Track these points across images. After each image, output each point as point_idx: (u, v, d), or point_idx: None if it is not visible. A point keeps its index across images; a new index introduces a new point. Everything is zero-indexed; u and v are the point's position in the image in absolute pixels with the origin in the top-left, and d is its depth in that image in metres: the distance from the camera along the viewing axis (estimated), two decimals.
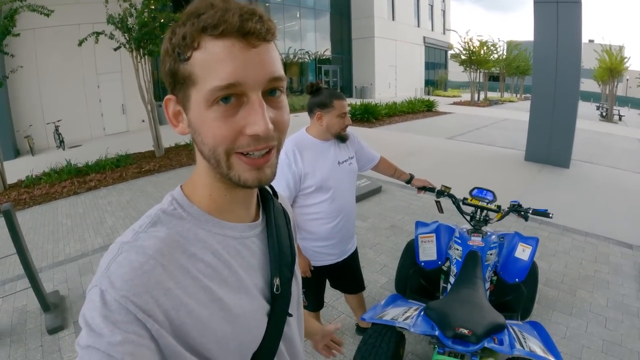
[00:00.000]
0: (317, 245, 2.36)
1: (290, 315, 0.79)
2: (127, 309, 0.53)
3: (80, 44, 8.82)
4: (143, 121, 13.18)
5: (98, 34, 8.72)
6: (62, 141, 12.22)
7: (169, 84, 0.64)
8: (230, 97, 0.59)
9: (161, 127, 10.13)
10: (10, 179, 7.98)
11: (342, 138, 2.33)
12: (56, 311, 3.41)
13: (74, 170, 8.30)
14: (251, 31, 0.58)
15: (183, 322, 0.58)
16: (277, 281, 0.75)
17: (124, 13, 8.83)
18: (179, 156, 9.67)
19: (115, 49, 9.27)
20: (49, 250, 4.86)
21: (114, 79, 14.16)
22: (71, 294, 3.80)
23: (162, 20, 9.14)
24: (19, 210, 6.37)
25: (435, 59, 40.63)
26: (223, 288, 0.65)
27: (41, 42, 12.45)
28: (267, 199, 0.83)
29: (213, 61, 0.57)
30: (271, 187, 0.87)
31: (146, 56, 9.44)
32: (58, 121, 12.42)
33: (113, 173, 8.30)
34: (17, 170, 8.85)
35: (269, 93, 0.62)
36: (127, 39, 9.03)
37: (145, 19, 8.76)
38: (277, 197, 0.88)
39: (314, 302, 2.61)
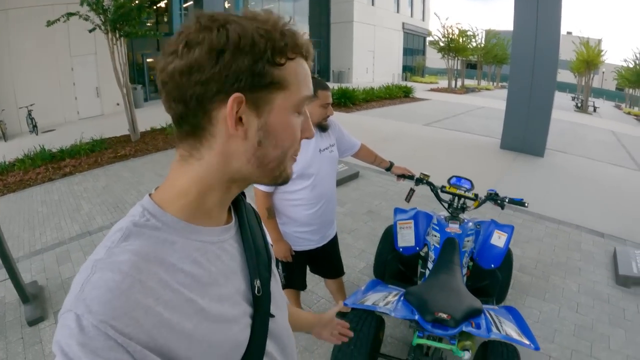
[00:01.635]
0: (297, 230, 2.39)
1: (272, 315, 0.78)
2: (107, 335, 0.50)
3: (49, 24, 8.51)
4: (118, 104, 12.91)
5: (70, 14, 8.44)
6: (35, 126, 11.85)
7: (241, 83, 0.61)
8: None
9: (137, 111, 9.91)
10: None
11: (322, 127, 2.35)
12: (35, 302, 3.35)
13: (48, 156, 8.09)
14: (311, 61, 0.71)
15: (167, 338, 0.56)
16: (257, 283, 0.75)
17: None
18: (155, 140, 9.51)
19: (91, 31, 9.00)
20: (25, 239, 4.76)
21: (88, 62, 13.80)
22: (50, 284, 3.73)
23: (137, 2, 8.92)
24: None
25: (414, 45, 40.87)
26: (205, 297, 0.63)
27: (14, 23, 12.02)
28: (237, 199, 0.82)
29: (303, 75, 0.67)
30: None
31: (122, 38, 9.20)
32: (31, 105, 12.02)
33: (88, 158, 8.13)
34: None
35: None
36: (103, 20, 8.77)
37: (122, 1, 8.52)
38: (245, 197, 0.87)
39: (298, 284, 2.69)
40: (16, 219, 5.41)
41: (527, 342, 1.88)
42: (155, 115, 11.84)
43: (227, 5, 20.02)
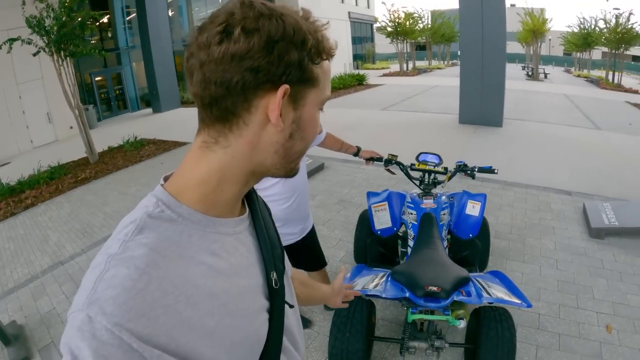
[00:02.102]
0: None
1: (292, 306, 0.78)
2: (121, 339, 0.48)
3: None
4: (71, 128, 12.45)
5: (12, 40, 8.10)
6: None
7: (284, 74, 0.60)
8: None
9: (91, 132, 9.60)
10: None
11: None
12: (18, 343, 3.21)
13: (7, 190, 7.76)
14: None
15: (189, 338, 0.54)
16: (274, 275, 0.73)
17: (40, 14, 8.23)
18: (115, 159, 9.23)
19: (35, 54, 8.64)
20: None
21: (35, 87, 13.20)
22: (29, 321, 3.57)
23: (80, 19, 8.64)
24: None
25: (362, 33, 41.08)
26: (227, 291, 0.62)
27: None
28: (249, 192, 0.80)
29: (329, 76, 0.70)
30: None
31: (68, 58, 8.88)
32: None
33: (48, 187, 7.81)
34: None
35: None
36: (46, 42, 8.45)
37: (64, 19, 8.23)
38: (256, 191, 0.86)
39: None
40: None
41: (518, 301, 1.93)
42: (111, 134, 11.55)
43: (170, 13, 19.67)
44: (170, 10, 19.76)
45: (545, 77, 26.86)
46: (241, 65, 0.57)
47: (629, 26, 23.41)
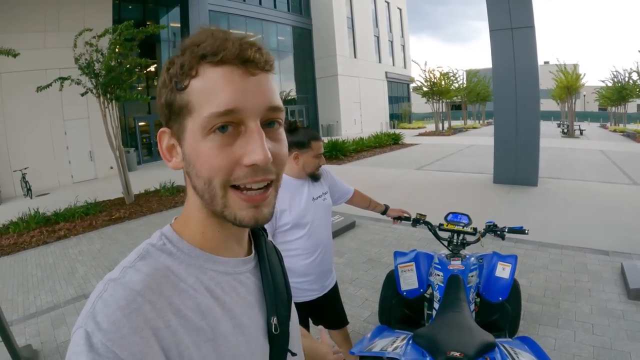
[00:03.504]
0: (297, 281, 2.33)
1: (294, 354, 0.75)
2: (115, 353, 0.50)
3: (39, 90, 8.68)
4: (111, 168, 13.01)
5: (63, 79, 8.61)
6: (29, 189, 11.89)
7: (164, 117, 0.63)
8: (228, 126, 0.57)
9: (130, 174, 9.96)
10: None
11: (315, 177, 2.35)
12: None
13: (42, 219, 8.07)
14: (250, 59, 0.58)
15: None
16: (274, 320, 0.71)
17: (90, 58, 8.78)
18: (149, 202, 9.49)
19: (83, 94, 9.18)
20: (19, 302, 4.64)
21: (81, 125, 13.99)
22: (44, 348, 3.61)
23: (128, 66, 9.13)
24: None
25: (398, 93, 41.71)
26: (217, 327, 0.61)
27: (7, 87, 12.33)
28: (258, 235, 0.79)
29: (211, 88, 0.57)
30: None
31: (113, 101, 9.35)
32: (25, 169, 12.12)
33: (83, 221, 8.08)
34: None
35: (267, 124, 0.61)
36: (94, 84, 8.95)
37: (112, 64, 8.73)
38: (267, 235, 0.84)
39: None
40: (10, 282, 5.31)
41: None
42: (149, 178, 11.94)
43: None
44: None
45: (581, 133, 26.47)
46: None
47: None
